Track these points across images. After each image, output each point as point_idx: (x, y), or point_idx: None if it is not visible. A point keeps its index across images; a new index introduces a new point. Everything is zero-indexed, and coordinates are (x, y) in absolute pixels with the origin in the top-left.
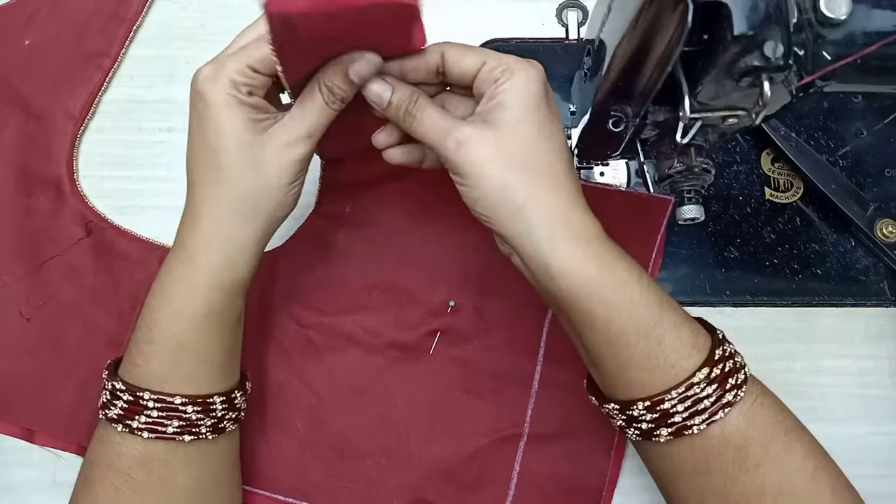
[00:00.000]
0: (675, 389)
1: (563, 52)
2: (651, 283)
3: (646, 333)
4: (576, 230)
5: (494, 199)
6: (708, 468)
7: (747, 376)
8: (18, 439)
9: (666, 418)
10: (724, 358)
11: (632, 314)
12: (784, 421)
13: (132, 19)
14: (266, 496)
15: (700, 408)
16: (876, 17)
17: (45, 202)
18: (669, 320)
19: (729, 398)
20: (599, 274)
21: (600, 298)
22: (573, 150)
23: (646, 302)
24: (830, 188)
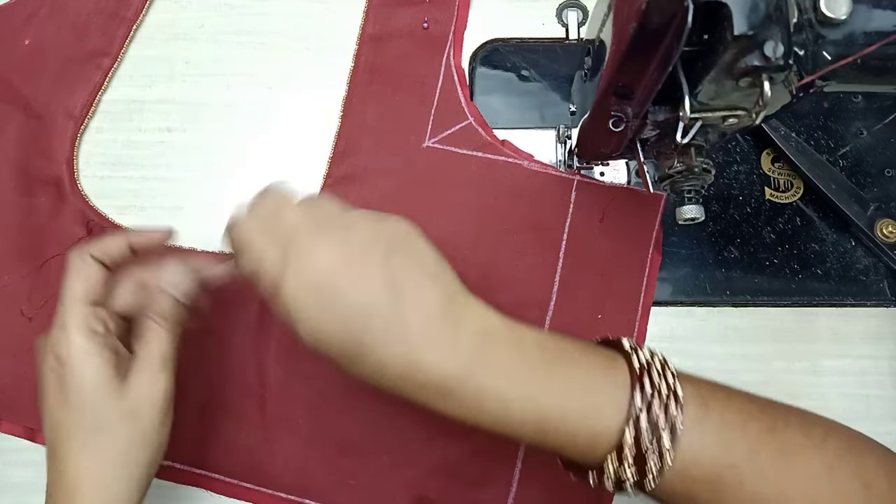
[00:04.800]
0: (610, 461)
1: (563, 52)
2: (530, 365)
3: (540, 432)
4: (426, 372)
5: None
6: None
7: (681, 404)
8: (19, 439)
9: (620, 482)
10: (637, 438)
11: (536, 408)
12: (727, 455)
13: (132, 19)
14: (268, 494)
15: (645, 459)
16: (876, 17)
17: (46, 202)
18: (563, 431)
19: (668, 438)
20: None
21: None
22: (574, 150)
23: (531, 394)
24: (830, 188)
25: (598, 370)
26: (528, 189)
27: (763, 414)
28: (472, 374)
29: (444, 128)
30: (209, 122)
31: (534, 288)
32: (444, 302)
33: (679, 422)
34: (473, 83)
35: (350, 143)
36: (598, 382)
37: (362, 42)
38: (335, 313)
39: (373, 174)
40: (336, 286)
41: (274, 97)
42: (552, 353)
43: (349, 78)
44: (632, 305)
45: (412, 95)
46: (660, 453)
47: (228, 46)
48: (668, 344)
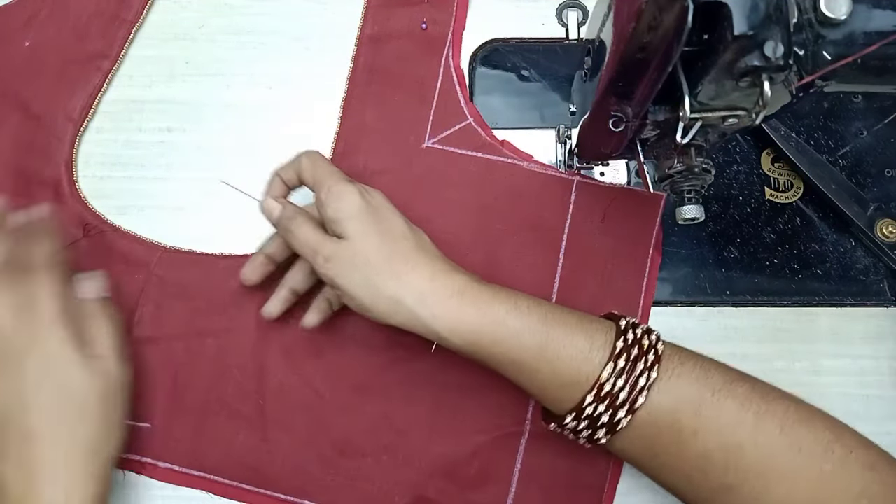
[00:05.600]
0: (589, 394)
1: (563, 52)
2: (531, 306)
3: (541, 356)
4: (445, 292)
5: (370, 300)
6: (655, 452)
7: (659, 355)
8: None
9: (595, 422)
10: (627, 347)
11: (520, 343)
12: (710, 380)
13: (132, 20)
14: (267, 495)
15: (619, 402)
16: (876, 17)
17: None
18: (559, 334)
19: (642, 382)
20: (478, 319)
21: (491, 339)
22: (574, 150)
23: (528, 327)
24: (830, 188)
25: (589, 318)
26: (527, 189)
27: (737, 370)
28: (478, 282)
29: (444, 128)
30: (209, 122)
31: (534, 288)
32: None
33: (661, 346)
34: (473, 83)
35: (349, 143)
36: (590, 317)
37: (361, 43)
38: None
39: (372, 174)
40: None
41: (274, 97)
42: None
43: (348, 78)
44: (632, 306)
45: (411, 96)
46: (647, 365)
47: (228, 46)
48: None
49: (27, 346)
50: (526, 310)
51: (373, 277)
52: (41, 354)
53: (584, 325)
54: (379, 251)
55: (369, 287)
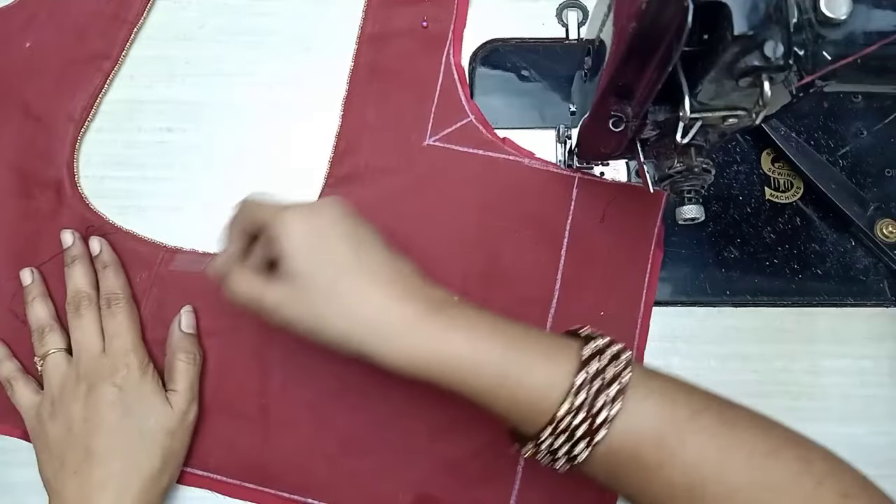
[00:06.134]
0: (545, 430)
1: (563, 52)
2: (491, 335)
3: (498, 389)
4: (395, 325)
5: (322, 339)
6: (619, 482)
7: (623, 386)
8: (19, 439)
9: (554, 453)
10: (588, 381)
11: (477, 376)
12: (675, 413)
13: (133, 21)
14: (271, 493)
15: (577, 436)
16: (876, 17)
17: (45, 204)
18: (518, 367)
19: (602, 417)
20: (430, 353)
21: (446, 373)
22: (574, 150)
23: (485, 360)
24: (830, 188)
25: (552, 334)
26: (529, 186)
27: (706, 393)
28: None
29: (445, 126)
30: (209, 122)
31: (536, 285)
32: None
33: (626, 375)
34: (473, 83)
35: (351, 142)
36: (551, 336)
37: (362, 41)
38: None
39: (374, 173)
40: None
41: (274, 97)
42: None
43: (349, 77)
44: (634, 303)
45: (412, 94)
46: (609, 399)
47: (228, 46)
48: (668, 344)
49: (110, 371)
50: (485, 340)
51: (320, 318)
52: (120, 381)
53: (546, 356)
54: (323, 288)
55: (318, 326)
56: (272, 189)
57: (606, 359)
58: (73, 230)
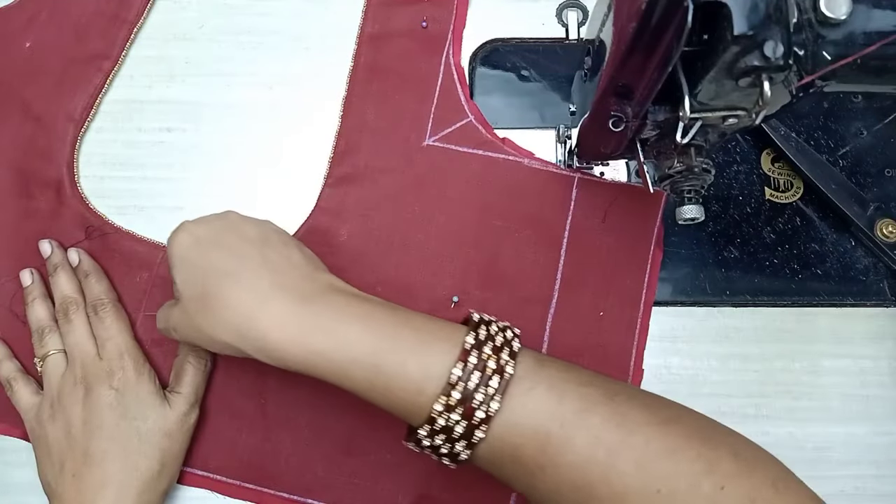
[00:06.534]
0: (422, 428)
1: (563, 52)
2: (362, 332)
3: (371, 388)
4: (262, 326)
5: (215, 349)
6: (508, 481)
7: (506, 379)
8: (19, 439)
9: (435, 451)
10: (466, 375)
11: (347, 375)
12: (561, 409)
13: (133, 21)
14: (270, 493)
15: (456, 435)
16: (876, 17)
17: (45, 204)
18: (390, 364)
19: (480, 416)
20: (299, 353)
21: (318, 371)
22: (574, 150)
23: (354, 359)
24: (830, 188)
25: (439, 320)
26: (528, 186)
27: (604, 385)
28: (312, 300)
29: (445, 126)
30: (209, 122)
31: (536, 285)
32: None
33: (509, 368)
34: (473, 83)
35: (350, 142)
36: (437, 324)
37: (361, 42)
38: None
39: (373, 173)
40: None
41: (274, 97)
42: (395, 304)
43: (349, 77)
44: (634, 302)
45: (412, 94)
46: (488, 395)
47: (228, 46)
48: (668, 344)
49: (107, 374)
50: (354, 338)
51: (201, 329)
52: (117, 383)
53: (424, 347)
54: (196, 299)
55: (203, 338)
56: (272, 189)
57: (490, 349)
58: (49, 239)
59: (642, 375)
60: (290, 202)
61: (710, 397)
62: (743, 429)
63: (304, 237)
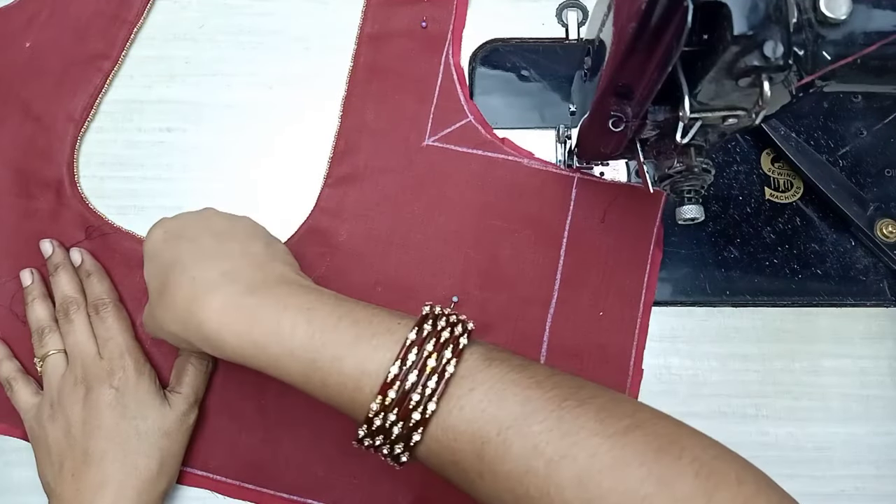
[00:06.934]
0: (361, 428)
1: (563, 52)
2: (296, 325)
3: (307, 382)
4: (207, 314)
5: (171, 339)
6: (450, 481)
7: (446, 378)
8: (19, 439)
9: (377, 450)
10: (403, 374)
11: (285, 369)
12: (500, 413)
13: (133, 21)
14: (270, 494)
15: (393, 436)
16: (876, 17)
17: (45, 204)
18: (326, 359)
19: (416, 417)
20: (238, 344)
21: (258, 364)
22: (574, 150)
23: (289, 353)
24: (830, 188)
25: (387, 312)
26: (528, 186)
27: (556, 388)
28: (257, 290)
29: (444, 126)
30: (209, 122)
31: (536, 285)
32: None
33: (450, 368)
34: (473, 83)
35: (350, 142)
36: (382, 317)
37: (361, 42)
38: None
39: (373, 173)
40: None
41: (274, 97)
42: (345, 311)
43: (348, 77)
44: (633, 302)
45: (411, 94)
46: (424, 396)
47: (228, 46)
48: (668, 344)
49: (107, 374)
50: (291, 331)
51: (159, 321)
52: (117, 383)
53: (359, 346)
54: (155, 293)
55: (162, 331)
56: (271, 189)
57: (433, 345)
58: (51, 239)
59: (642, 375)
60: (289, 202)
61: (710, 397)
62: (743, 429)
63: (303, 237)
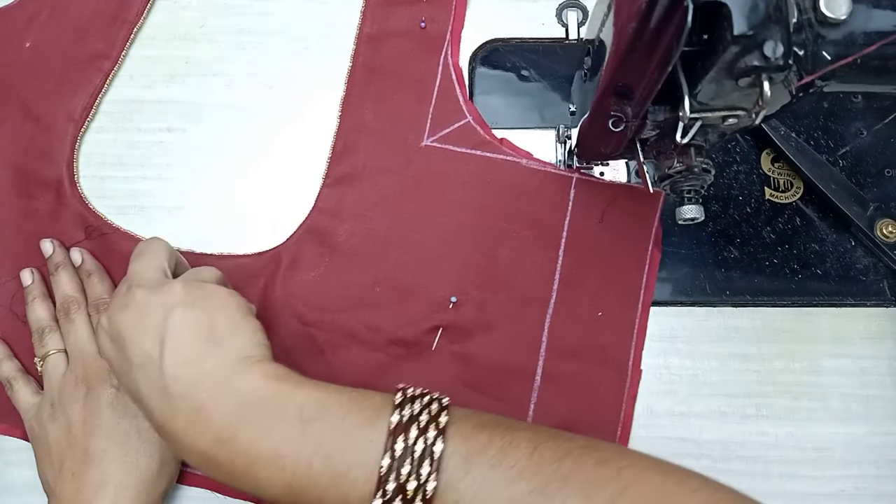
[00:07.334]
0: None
1: (563, 52)
2: (276, 473)
3: (297, 487)
4: (188, 456)
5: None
6: None
7: (429, 499)
8: (19, 439)
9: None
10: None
11: (277, 499)
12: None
13: (133, 21)
14: None
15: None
16: (876, 17)
17: (45, 204)
18: (310, 498)
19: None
20: (224, 481)
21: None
22: (574, 150)
23: (277, 496)
24: (830, 188)
25: (356, 428)
26: (526, 187)
27: (538, 472)
28: (222, 443)
29: (443, 126)
30: (209, 122)
31: (534, 285)
32: (213, 369)
33: (430, 486)
34: (473, 83)
35: (348, 142)
36: (352, 441)
37: (360, 42)
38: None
39: (371, 173)
40: (125, 336)
41: (274, 97)
42: (312, 413)
43: (347, 77)
44: (632, 303)
45: (410, 94)
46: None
47: (228, 46)
48: (668, 344)
49: (107, 374)
50: (268, 485)
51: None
52: (117, 382)
53: (337, 485)
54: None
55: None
56: (270, 189)
57: (409, 464)
58: (51, 239)
59: (641, 375)
60: (288, 202)
61: (710, 397)
62: (743, 429)
63: (302, 237)
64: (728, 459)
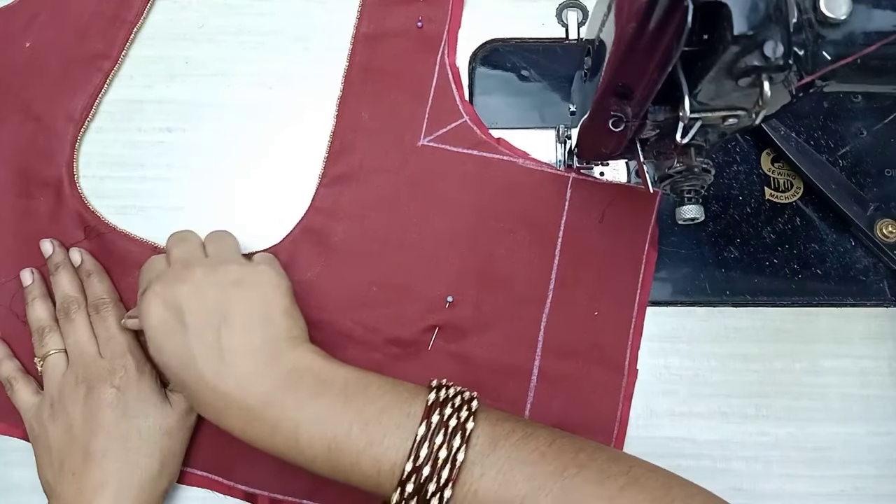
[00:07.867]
0: (396, 494)
1: (563, 52)
2: (317, 434)
3: (335, 475)
4: (231, 421)
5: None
6: None
7: (457, 469)
8: (19, 439)
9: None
10: (418, 468)
11: (312, 467)
12: (508, 497)
13: (133, 21)
14: (269, 496)
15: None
16: (876, 17)
17: (45, 204)
18: (345, 464)
19: (445, 476)
20: (266, 446)
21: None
22: (573, 150)
23: (312, 462)
24: (830, 188)
25: (395, 403)
26: (523, 187)
27: (557, 458)
28: (271, 404)
29: (439, 126)
30: (209, 122)
31: (531, 285)
32: (265, 342)
33: (460, 456)
34: (473, 83)
35: (345, 142)
36: (390, 413)
37: (357, 41)
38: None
39: (368, 173)
40: (183, 305)
41: (274, 97)
42: (355, 388)
43: (344, 77)
44: (628, 302)
45: (407, 94)
46: (440, 486)
47: (228, 46)
48: (668, 344)
49: (108, 373)
50: (307, 445)
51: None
52: (118, 382)
53: (372, 447)
54: (174, 359)
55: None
56: (268, 188)
57: (442, 435)
58: (51, 239)
59: (637, 375)
60: (284, 201)
61: (710, 397)
62: (743, 429)
63: (298, 236)
64: (728, 459)
